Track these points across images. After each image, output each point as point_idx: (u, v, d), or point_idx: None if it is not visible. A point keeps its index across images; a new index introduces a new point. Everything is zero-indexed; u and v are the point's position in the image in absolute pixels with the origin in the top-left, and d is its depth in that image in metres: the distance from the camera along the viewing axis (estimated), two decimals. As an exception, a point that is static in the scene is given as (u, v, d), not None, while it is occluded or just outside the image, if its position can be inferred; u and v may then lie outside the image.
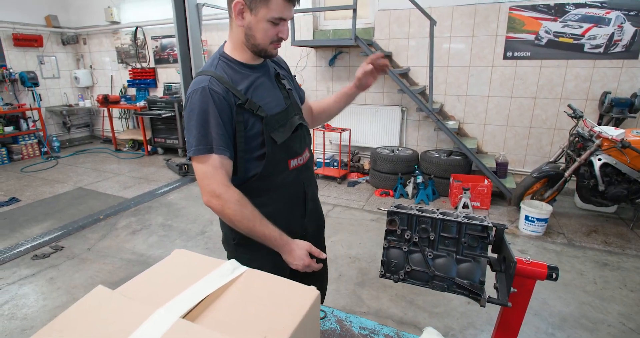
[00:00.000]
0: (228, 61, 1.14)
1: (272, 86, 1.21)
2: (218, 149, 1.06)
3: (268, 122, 1.13)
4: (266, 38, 1.08)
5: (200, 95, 1.05)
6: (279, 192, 1.23)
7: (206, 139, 1.05)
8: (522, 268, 1.22)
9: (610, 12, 3.55)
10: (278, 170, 1.20)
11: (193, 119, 1.06)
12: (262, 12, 1.03)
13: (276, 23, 1.06)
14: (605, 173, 3.16)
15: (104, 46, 6.85)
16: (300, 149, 1.26)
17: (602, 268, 2.70)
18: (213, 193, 1.06)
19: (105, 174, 5.10)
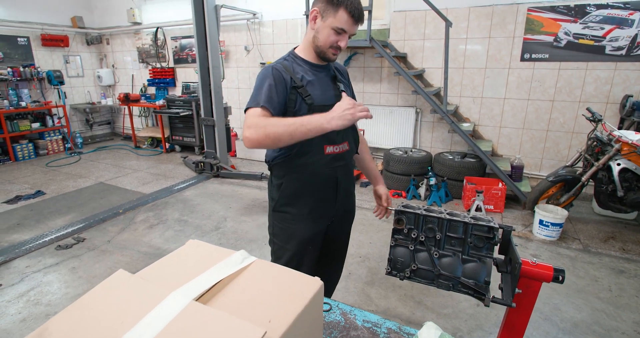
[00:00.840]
0: (295, 57, 1.41)
1: (327, 84, 1.43)
2: (264, 103, 1.26)
3: (312, 109, 1.33)
4: (327, 42, 1.32)
5: (265, 70, 1.34)
6: (312, 171, 1.42)
7: (257, 97, 1.29)
8: (527, 270, 1.23)
9: (634, 13, 3.47)
10: (314, 151, 1.39)
11: (255, 86, 1.33)
12: (329, 20, 1.29)
13: (338, 32, 1.30)
14: (624, 178, 3.09)
15: (125, 45, 7.06)
16: (339, 139, 1.43)
17: (618, 276, 2.65)
18: (247, 128, 1.23)
19: (124, 170, 5.27)
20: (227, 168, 4.92)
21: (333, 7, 1.27)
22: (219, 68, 4.80)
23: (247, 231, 3.33)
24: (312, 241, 1.52)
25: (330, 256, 1.71)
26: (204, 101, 4.83)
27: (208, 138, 4.98)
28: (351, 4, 1.26)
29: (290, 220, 1.47)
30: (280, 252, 1.55)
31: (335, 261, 1.76)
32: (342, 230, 1.67)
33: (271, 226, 1.56)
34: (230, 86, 5.97)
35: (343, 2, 1.26)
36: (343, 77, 1.54)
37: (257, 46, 5.56)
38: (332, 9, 1.27)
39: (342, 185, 1.51)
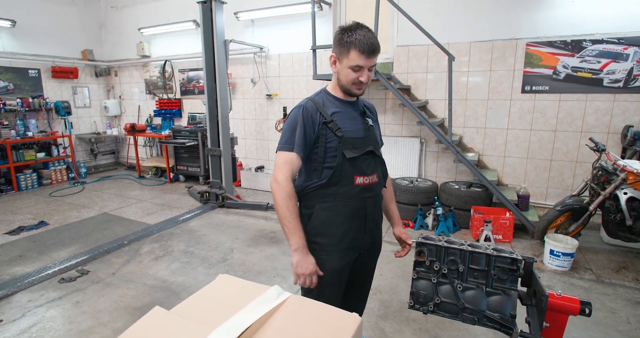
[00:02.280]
0: (327, 94, 1.53)
1: (356, 118, 1.53)
2: (296, 149, 1.41)
3: (343, 141, 1.44)
4: (348, 80, 1.43)
5: (296, 110, 1.46)
6: (342, 201, 1.47)
7: (290, 140, 1.42)
8: (554, 303, 1.21)
9: (628, 48, 3.62)
10: (345, 182, 1.46)
11: (286, 126, 1.46)
12: (344, 62, 1.40)
13: (356, 70, 1.39)
14: (632, 207, 3.10)
15: (133, 77, 7.27)
16: (369, 171, 1.51)
17: (635, 307, 2.59)
18: (275, 178, 1.41)
19: (129, 200, 5.25)
20: (233, 198, 4.92)
21: (345, 50, 1.38)
22: (227, 100, 4.92)
23: (255, 263, 3.28)
24: (341, 272, 1.52)
25: (357, 288, 1.68)
26: (211, 131, 4.90)
27: (214, 168, 5.01)
28: (359, 42, 1.35)
29: (319, 251, 1.48)
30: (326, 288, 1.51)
31: (361, 294, 1.73)
32: (369, 262, 1.67)
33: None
34: (237, 116, 6.09)
35: (352, 43, 1.36)
36: (371, 113, 1.63)
37: (264, 78, 5.73)
38: (345, 52, 1.38)
39: (370, 216, 1.54)
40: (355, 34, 1.36)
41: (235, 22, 5.60)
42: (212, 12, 4.56)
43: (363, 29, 1.38)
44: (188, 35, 6.30)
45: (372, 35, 1.38)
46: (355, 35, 1.35)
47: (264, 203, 4.76)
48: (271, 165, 5.99)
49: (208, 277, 3.02)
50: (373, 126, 1.58)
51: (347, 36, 1.37)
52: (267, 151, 6.03)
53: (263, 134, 5.99)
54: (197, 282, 2.93)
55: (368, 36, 1.36)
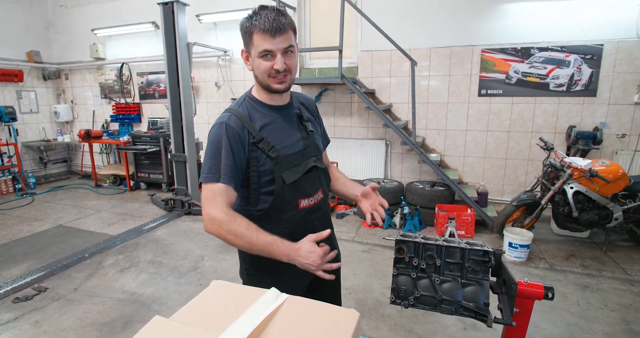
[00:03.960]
0: (252, 100, 1.26)
1: (291, 127, 1.29)
2: (224, 179, 1.15)
3: (279, 163, 1.21)
4: (263, 73, 1.17)
5: (218, 129, 1.18)
6: (285, 228, 1.25)
7: (215, 168, 1.15)
8: (522, 289, 1.32)
9: (570, 55, 3.98)
10: (287, 208, 1.25)
11: (208, 150, 1.19)
12: (252, 51, 1.17)
13: (266, 56, 1.15)
14: (577, 200, 3.40)
15: (87, 81, 6.87)
16: (312, 190, 1.31)
17: (583, 290, 2.85)
18: (209, 216, 1.13)
19: (86, 210, 4.96)
20: (199, 205, 4.79)
21: (248, 37, 1.16)
22: (191, 104, 4.80)
23: (228, 270, 3.22)
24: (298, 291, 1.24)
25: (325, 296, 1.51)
26: (175, 136, 4.76)
27: (179, 175, 4.86)
28: (260, 23, 1.12)
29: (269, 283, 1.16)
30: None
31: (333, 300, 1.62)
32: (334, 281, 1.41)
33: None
34: (201, 121, 5.95)
35: (252, 27, 1.13)
36: (310, 114, 1.41)
37: (228, 82, 5.65)
38: (249, 39, 1.16)
39: None
40: (257, 16, 1.13)
41: (197, 24, 5.49)
42: (174, 14, 4.43)
43: (267, 9, 1.14)
44: (147, 37, 6.07)
45: (277, 14, 1.13)
46: (255, 17, 1.14)
47: (233, 208, 4.68)
48: (238, 170, 5.89)
49: (180, 287, 2.93)
50: (313, 130, 1.35)
51: (247, 20, 1.15)
52: (233, 155, 5.93)
53: (229, 138, 5.88)
54: (169, 293, 2.84)
55: (270, 15, 1.12)
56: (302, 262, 1.13)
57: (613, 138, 4.01)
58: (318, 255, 1.13)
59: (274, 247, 1.12)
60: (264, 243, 1.11)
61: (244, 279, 1.40)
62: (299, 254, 1.13)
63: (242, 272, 1.41)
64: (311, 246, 1.14)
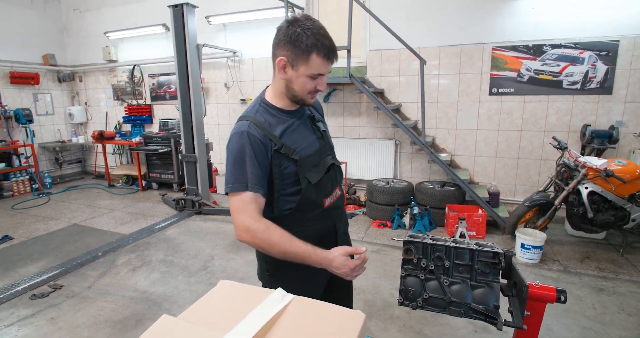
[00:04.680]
0: (267, 106, 1.26)
1: (307, 128, 1.32)
2: (252, 187, 1.15)
3: (302, 164, 1.23)
4: (304, 90, 1.20)
5: (239, 138, 1.17)
6: (310, 227, 1.29)
7: (242, 178, 1.15)
8: (533, 292, 1.30)
9: (584, 52, 3.90)
10: (312, 207, 1.28)
11: (230, 159, 1.18)
12: (302, 69, 1.15)
13: (314, 78, 1.18)
14: (592, 200, 3.32)
15: (100, 83, 7.00)
16: (332, 188, 1.35)
17: (598, 294, 2.78)
18: (242, 226, 1.14)
19: (99, 210, 5.05)
20: (210, 205, 4.84)
21: (303, 55, 1.12)
22: (201, 105, 4.85)
23: (237, 269, 3.25)
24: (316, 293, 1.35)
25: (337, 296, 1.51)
26: (186, 137, 4.81)
27: (189, 175, 4.91)
28: (322, 46, 1.11)
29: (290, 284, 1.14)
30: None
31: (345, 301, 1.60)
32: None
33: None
34: (211, 121, 6.00)
35: (314, 46, 1.10)
36: (317, 113, 1.42)
37: (237, 83, 5.69)
38: (303, 57, 1.12)
39: (340, 231, 1.42)
40: (316, 33, 1.10)
41: (206, 26, 5.54)
42: (183, 16, 4.49)
43: (318, 25, 1.12)
44: (157, 40, 6.15)
45: (331, 38, 1.14)
46: (317, 35, 1.10)
47: (242, 208, 4.71)
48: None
49: (190, 286, 2.97)
50: (325, 130, 1.39)
51: (306, 37, 1.10)
52: (243, 155, 5.97)
53: (239, 139, 5.92)
54: (179, 291, 2.87)
55: (328, 37, 1.13)
56: (335, 271, 1.17)
57: (630, 136, 3.91)
58: (350, 268, 1.16)
59: (307, 256, 1.15)
60: (297, 253, 1.14)
61: (265, 280, 1.40)
62: (331, 265, 1.16)
63: (262, 273, 1.40)
64: (345, 260, 1.16)
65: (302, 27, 1.10)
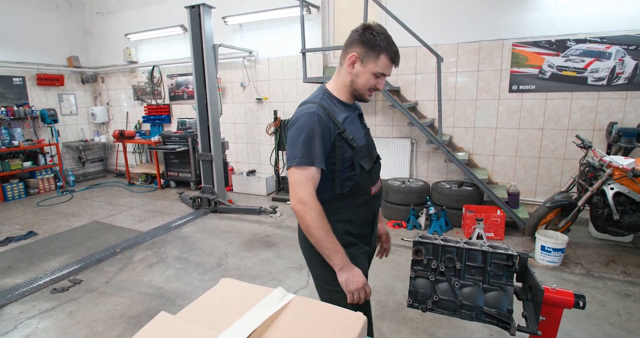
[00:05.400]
0: (330, 97, 1.39)
1: (358, 123, 1.46)
2: (319, 163, 1.27)
3: (357, 152, 1.35)
4: (366, 86, 1.34)
5: (309, 117, 1.28)
6: (356, 211, 1.42)
7: (309, 153, 1.26)
8: (549, 297, 1.24)
9: (610, 46, 3.73)
10: (362, 192, 1.40)
11: (301, 136, 1.27)
12: (370, 66, 1.30)
13: (378, 76, 1.32)
14: (618, 201, 3.18)
15: (121, 83, 7.19)
16: (377, 179, 1.49)
17: (624, 299, 2.65)
18: (300, 199, 1.26)
19: (119, 207, 5.19)
20: (225, 203, 4.89)
21: (374, 53, 1.28)
22: (217, 104, 4.91)
23: (250, 267, 3.26)
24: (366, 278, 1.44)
25: None
26: (202, 136, 4.88)
27: (205, 173, 4.98)
28: (392, 49, 1.28)
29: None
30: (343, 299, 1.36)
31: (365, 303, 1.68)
32: (370, 262, 1.64)
33: (323, 276, 1.41)
34: (227, 121, 6.07)
35: (385, 48, 1.27)
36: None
37: (253, 82, 5.73)
38: (373, 55, 1.28)
39: (376, 220, 1.55)
40: (387, 39, 1.28)
41: (223, 26, 5.60)
42: (200, 16, 4.55)
43: (388, 33, 1.30)
44: (176, 41, 6.27)
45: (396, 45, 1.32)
46: (387, 40, 1.28)
47: (256, 207, 4.74)
48: (263, 169, 5.98)
49: (203, 283, 3.00)
50: (368, 128, 1.53)
51: (380, 39, 1.26)
52: (258, 155, 6.02)
53: (254, 138, 5.98)
54: (193, 288, 2.91)
55: (395, 44, 1.31)
56: (349, 279, 1.28)
57: (660, 135, 3.71)
58: (357, 288, 1.30)
59: (339, 251, 1.28)
60: (333, 243, 1.27)
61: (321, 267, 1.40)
62: (352, 273, 1.29)
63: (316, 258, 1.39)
64: (362, 281, 1.31)
65: (376, 32, 1.28)
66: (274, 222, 4.44)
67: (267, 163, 5.88)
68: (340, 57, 1.37)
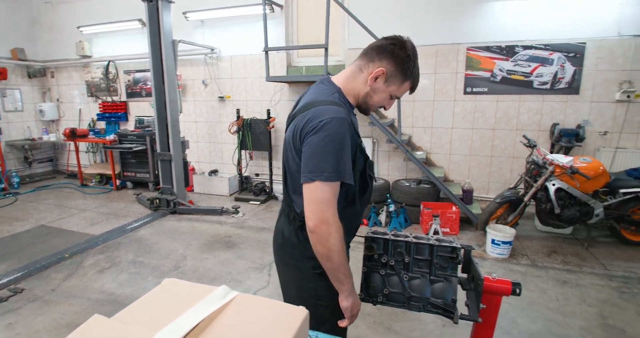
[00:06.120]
0: (344, 100, 1.23)
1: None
2: (349, 178, 1.11)
3: (369, 165, 1.29)
4: (379, 104, 1.28)
5: (340, 124, 1.09)
6: (352, 221, 1.36)
7: (339, 167, 1.08)
8: (489, 285, 1.32)
9: (553, 53, 4.00)
10: (366, 203, 1.38)
11: (331, 145, 1.07)
12: (392, 88, 1.22)
13: (392, 98, 1.26)
14: (559, 196, 3.42)
15: (73, 79, 6.78)
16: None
17: (562, 286, 2.87)
18: (326, 220, 1.08)
19: (70, 210, 4.89)
20: (185, 204, 4.76)
21: (402, 78, 1.20)
22: (176, 102, 4.76)
23: (210, 269, 3.20)
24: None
25: None
26: (160, 135, 4.71)
27: (164, 173, 4.81)
28: (417, 79, 1.24)
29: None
30: (334, 314, 1.29)
31: None
32: None
33: (313, 290, 1.31)
34: (188, 119, 5.90)
35: (413, 77, 1.21)
36: None
37: (215, 80, 5.61)
38: (401, 79, 1.20)
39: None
40: (418, 67, 1.22)
41: (184, 22, 5.43)
42: (158, 11, 4.39)
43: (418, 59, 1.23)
44: (133, 35, 6.00)
45: None
46: (418, 69, 1.22)
47: (218, 207, 4.65)
48: (226, 168, 5.87)
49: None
50: None
51: (413, 65, 1.19)
52: (220, 154, 5.90)
53: (216, 137, 5.85)
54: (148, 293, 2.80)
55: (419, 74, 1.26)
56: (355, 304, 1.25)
57: (595, 135, 4.04)
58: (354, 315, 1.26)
59: (350, 277, 1.22)
60: (348, 268, 1.21)
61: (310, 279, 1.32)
62: (356, 298, 1.26)
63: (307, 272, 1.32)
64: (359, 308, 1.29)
65: (412, 54, 1.19)
66: (235, 222, 4.38)
67: (229, 162, 5.78)
68: (362, 62, 1.22)
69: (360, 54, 1.25)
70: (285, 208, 1.37)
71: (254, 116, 5.35)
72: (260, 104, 5.41)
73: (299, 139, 1.14)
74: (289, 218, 1.33)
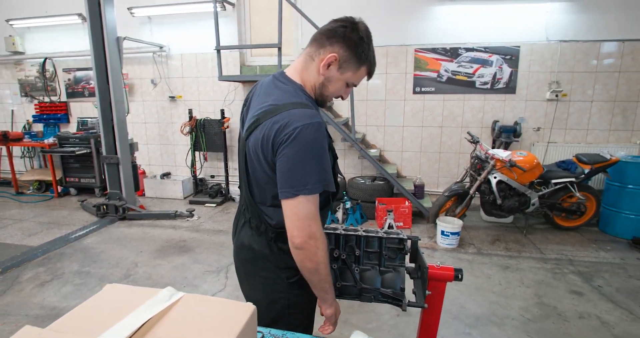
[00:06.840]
0: (312, 100, 1.14)
1: None
2: (331, 185, 1.04)
3: (336, 163, 1.19)
4: (335, 93, 1.16)
5: (316, 130, 0.98)
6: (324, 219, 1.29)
7: (321, 177, 1.00)
8: (433, 273, 1.40)
9: (492, 55, 4.30)
10: (330, 207, 1.31)
11: (310, 156, 0.98)
12: (347, 74, 1.11)
13: (348, 85, 1.16)
14: (500, 188, 3.69)
15: (3, 77, 6.21)
16: None
17: (504, 271, 3.10)
18: (313, 234, 1.02)
19: (3, 221, 4.48)
20: (136, 209, 4.53)
21: (357, 62, 1.10)
22: (123, 102, 4.52)
23: (163, 275, 3.08)
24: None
25: None
26: (106, 137, 4.45)
27: (111, 178, 4.55)
28: (373, 62, 1.14)
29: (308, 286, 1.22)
30: (306, 320, 1.32)
31: None
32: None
33: (287, 299, 1.25)
34: (137, 120, 5.63)
35: (368, 60, 1.11)
36: None
37: (165, 79, 5.39)
38: (355, 64, 1.10)
39: None
40: (373, 49, 1.12)
41: (129, 18, 5.17)
42: (100, 5, 4.13)
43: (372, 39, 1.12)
44: (73, 31, 5.61)
45: None
46: (373, 51, 1.12)
47: (171, 211, 4.49)
48: (179, 171, 5.67)
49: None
50: None
51: (367, 48, 1.09)
52: (173, 156, 5.70)
53: (168, 138, 5.64)
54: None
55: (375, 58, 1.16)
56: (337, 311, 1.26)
57: (530, 131, 4.40)
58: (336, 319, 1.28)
59: (332, 286, 1.20)
60: (331, 279, 1.17)
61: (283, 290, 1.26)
62: (338, 306, 1.26)
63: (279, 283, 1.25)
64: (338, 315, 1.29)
65: (366, 37, 1.09)
66: (190, 226, 4.25)
67: (183, 164, 5.59)
68: (312, 49, 1.11)
69: (310, 40, 1.14)
70: (251, 219, 1.22)
71: (207, 116, 5.22)
72: (213, 104, 5.29)
73: (271, 150, 1.02)
74: (259, 230, 1.21)
